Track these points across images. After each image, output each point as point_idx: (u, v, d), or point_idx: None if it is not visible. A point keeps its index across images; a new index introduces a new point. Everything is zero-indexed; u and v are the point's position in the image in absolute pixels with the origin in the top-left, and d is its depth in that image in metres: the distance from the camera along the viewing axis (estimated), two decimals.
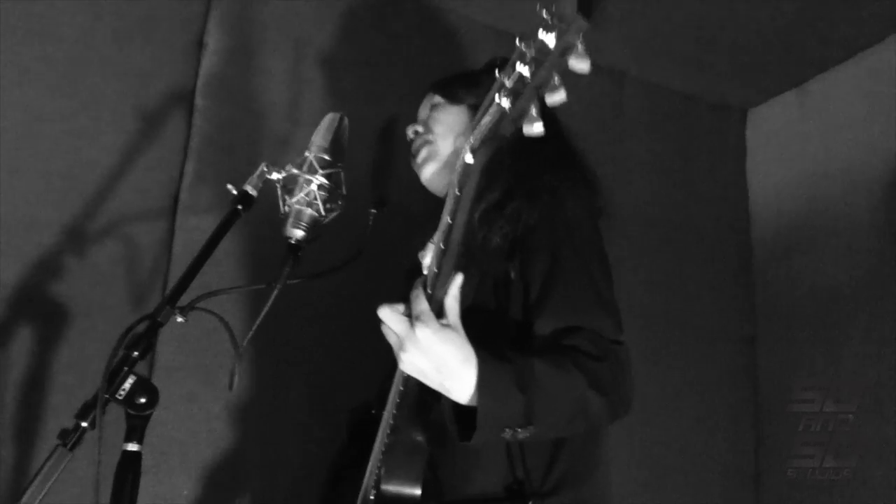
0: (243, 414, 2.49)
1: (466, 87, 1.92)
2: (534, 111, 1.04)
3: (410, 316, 1.35)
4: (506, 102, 1.04)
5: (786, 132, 3.44)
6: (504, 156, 1.71)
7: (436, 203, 2.00)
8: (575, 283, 1.56)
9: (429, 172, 1.92)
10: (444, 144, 1.90)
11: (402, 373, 1.46)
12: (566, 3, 0.96)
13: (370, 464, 1.74)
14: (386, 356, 1.80)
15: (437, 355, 1.34)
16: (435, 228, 1.89)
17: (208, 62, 2.66)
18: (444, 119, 1.92)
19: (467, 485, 1.61)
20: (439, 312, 1.36)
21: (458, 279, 1.35)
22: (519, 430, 1.37)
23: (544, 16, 0.97)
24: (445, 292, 1.35)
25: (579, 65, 0.98)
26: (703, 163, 3.52)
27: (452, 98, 1.93)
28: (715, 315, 3.37)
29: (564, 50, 0.97)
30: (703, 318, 3.33)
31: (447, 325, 1.35)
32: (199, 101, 2.63)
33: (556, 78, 1.00)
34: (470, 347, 1.36)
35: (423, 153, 1.93)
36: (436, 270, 1.32)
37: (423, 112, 2.01)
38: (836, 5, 2.87)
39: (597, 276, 1.60)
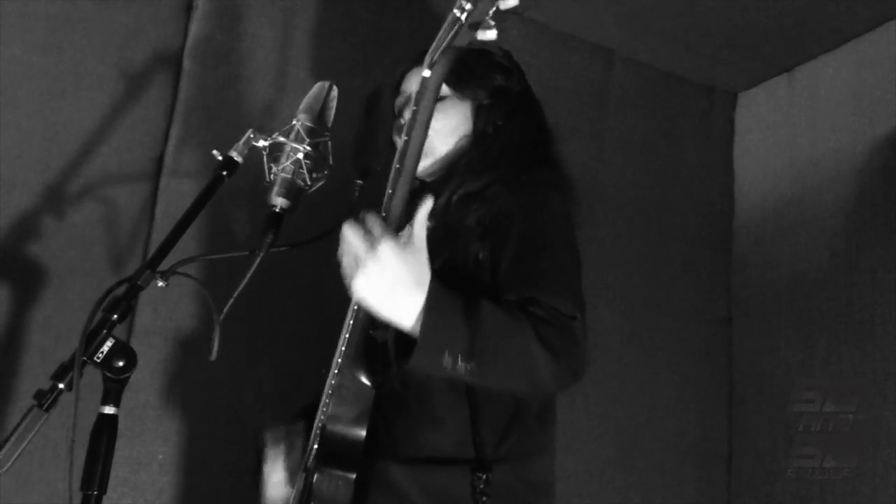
0: (219, 380, 2.49)
1: (478, 82, 1.78)
2: (489, 19, 1.18)
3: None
4: (461, 14, 1.17)
5: (774, 117, 3.44)
6: (495, 153, 1.71)
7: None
8: (541, 262, 1.56)
9: (420, 167, 1.75)
10: (440, 144, 1.77)
11: (353, 307, 1.45)
12: None
13: (320, 405, 1.72)
14: None
15: (394, 272, 1.32)
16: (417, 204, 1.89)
17: (197, 25, 2.62)
18: (446, 116, 1.77)
19: (422, 448, 1.61)
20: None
21: (429, 203, 1.34)
22: (460, 358, 1.35)
23: None
24: (402, 214, 1.36)
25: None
26: (690, 144, 3.52)
27: (461, 91, 1.78)
28: (692, 296, 3.38)
29: None
30: (680, 299, 3.34)
31: (411, 244, 1.34)
32: (186, 64, 2.60)
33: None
34: (428, 269, 1.35)
35: None
36: (390, 191, 1.33)
37: (412, 87, 1.82)
38: None
39: (564, 262, 1.60)
